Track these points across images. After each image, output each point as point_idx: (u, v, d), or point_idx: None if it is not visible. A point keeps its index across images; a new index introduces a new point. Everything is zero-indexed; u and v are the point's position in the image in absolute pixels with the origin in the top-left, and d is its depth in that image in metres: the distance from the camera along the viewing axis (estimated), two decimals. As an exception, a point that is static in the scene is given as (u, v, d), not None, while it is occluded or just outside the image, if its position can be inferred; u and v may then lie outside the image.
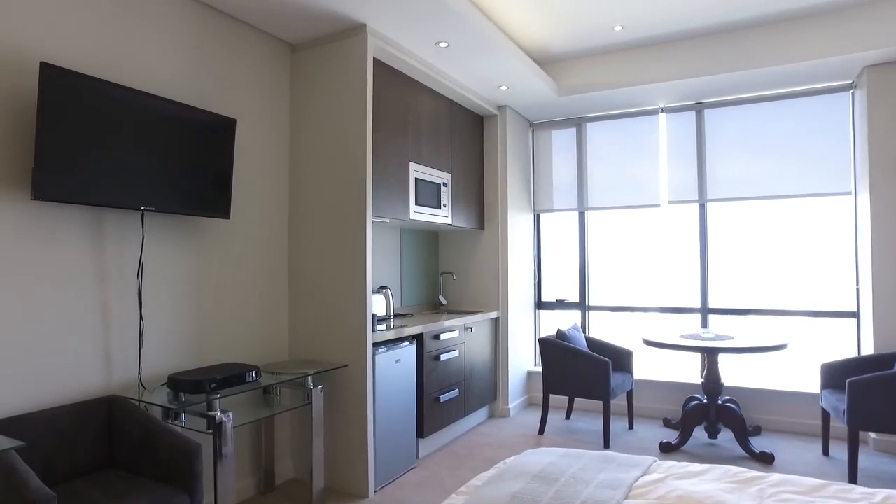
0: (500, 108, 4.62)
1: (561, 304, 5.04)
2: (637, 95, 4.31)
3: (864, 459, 3.43)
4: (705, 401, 3.73)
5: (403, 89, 3.60)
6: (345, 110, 3.11)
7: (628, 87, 4.10)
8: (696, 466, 1.93)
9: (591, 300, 4.91)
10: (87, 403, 2.22)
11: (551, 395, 4.83)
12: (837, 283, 4.07)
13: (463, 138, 4.39)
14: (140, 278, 2.44)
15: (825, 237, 4.12)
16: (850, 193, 3.97)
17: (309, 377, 2.85)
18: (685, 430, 3.66)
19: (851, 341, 3.99)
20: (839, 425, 3.83)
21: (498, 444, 3.80)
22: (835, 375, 3.46)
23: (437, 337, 3.66)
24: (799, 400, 3.98)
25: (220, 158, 2.67)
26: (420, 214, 3.76)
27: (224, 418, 2.32)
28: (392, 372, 3.22)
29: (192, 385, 2.31)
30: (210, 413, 2.31)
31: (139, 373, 2.45)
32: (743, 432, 3.52)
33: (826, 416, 3.51)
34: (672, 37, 3.89)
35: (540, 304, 5.12)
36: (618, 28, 3.74)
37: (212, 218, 2.78)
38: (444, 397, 3.69)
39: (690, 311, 4.51)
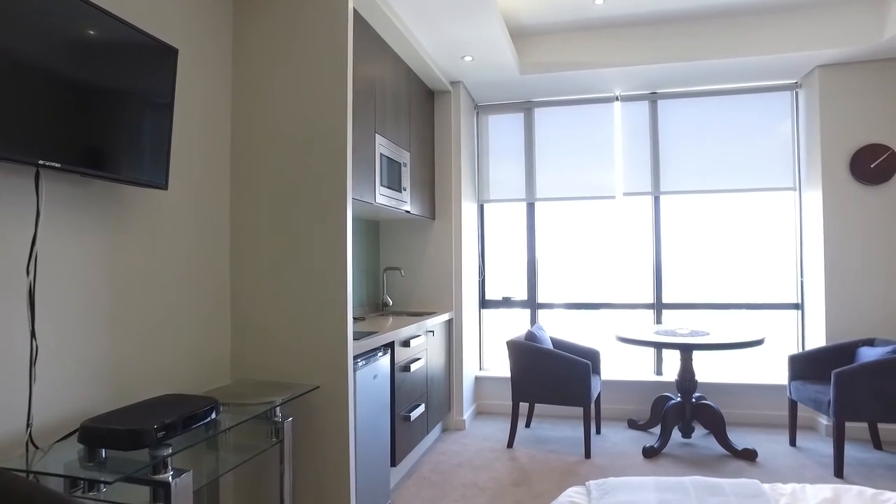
0: (454, 83, 4.12)
1: (507, 303, 4.69)
2: (596, 80, 4.08)
3: (822, 447, 3.51)
4: (678, 399, 3.60)
5: (371, 46, 2.96)
6: (314, 61, 2.40)
7: (596, 69, 3.85)
8: (821, 489, 1.64)
9: (541, 297, 4.62)
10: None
11: (505, 403, 4.45)
12: (779, 276, 4.21)
13: (418, 114, 3.82)
14: (33, 276, 1.56)
15: (767, 231, 4.24)
16: (793, 189, 4.12)
17: (277, 408, 2.13)
18: (665, 431, 3.49)
19: (791, 332, 4.15)
20: (803, 415, 3.88)
21: (471, 465, 3.31)
22: (804, 367, 3.51)
23: (406, 344, 3.08)
24: (757, 392, 4.03)
25: (156, 103, 1.85)
26: (384, 198, 3.14)
27: (182, 482, 1.55)
28: (370, 390, 2.59)
29: (127, 436, 1.51)
30: (159, 477, 1.53)
31: (28, 424, 1.57)
32: (723, 430, 3.43)
33: (793, 407, 3.55)
34: (650, 17, 3.69)
35: (484, 303, 4.72)
36: (599, 1, 3.46)
37: (140, 187, 1.94)
38: (413, 415, 3.12)
39: (644, 306, 4.41)
